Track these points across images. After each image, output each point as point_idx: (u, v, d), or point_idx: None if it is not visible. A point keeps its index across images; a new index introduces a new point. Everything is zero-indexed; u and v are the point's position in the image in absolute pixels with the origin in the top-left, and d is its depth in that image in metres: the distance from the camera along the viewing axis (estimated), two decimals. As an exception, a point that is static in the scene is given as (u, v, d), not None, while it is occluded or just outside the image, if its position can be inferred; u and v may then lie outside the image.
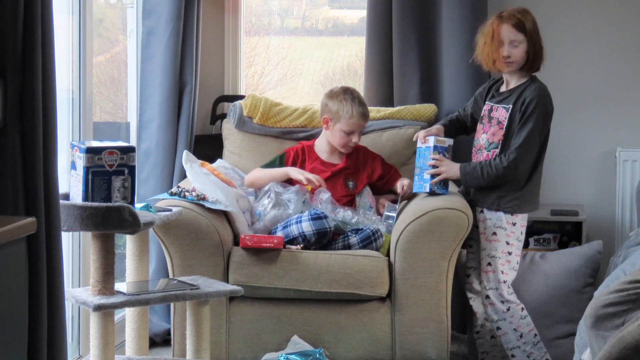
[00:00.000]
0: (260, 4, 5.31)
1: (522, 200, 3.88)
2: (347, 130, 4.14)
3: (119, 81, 4.74)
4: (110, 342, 3.22)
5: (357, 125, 4.15)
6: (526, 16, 3.85)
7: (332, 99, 4.17)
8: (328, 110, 4.18)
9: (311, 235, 3.83)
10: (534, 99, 3.83)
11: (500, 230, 3.90)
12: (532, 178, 3.91)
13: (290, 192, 4.01)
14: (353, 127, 4.14)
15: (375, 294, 3.83)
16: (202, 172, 4.00)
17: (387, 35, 4.63)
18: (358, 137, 4.16)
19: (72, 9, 3.85)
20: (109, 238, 3.24)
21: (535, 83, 3.88)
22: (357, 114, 4.12)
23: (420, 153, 3.98)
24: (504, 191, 3.87)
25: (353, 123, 4.13)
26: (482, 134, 3.96)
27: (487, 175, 3.84)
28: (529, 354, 3.93)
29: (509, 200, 3.87)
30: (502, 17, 3.86)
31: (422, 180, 3.95)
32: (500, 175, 3.82)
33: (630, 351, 2.50)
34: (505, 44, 3.83)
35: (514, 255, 3.92)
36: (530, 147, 3.82)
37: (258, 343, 3.87)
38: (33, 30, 2.67)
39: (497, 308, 3.92)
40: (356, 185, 4.19)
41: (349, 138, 4.15)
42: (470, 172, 3.87)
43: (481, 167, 3.85)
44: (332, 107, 4.16)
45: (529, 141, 3.81)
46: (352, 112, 4.12)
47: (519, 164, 3.82)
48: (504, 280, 3.91)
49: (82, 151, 3.20)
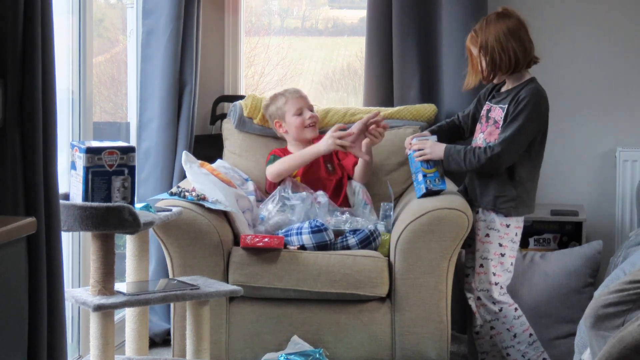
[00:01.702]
0: (260, 4, 5.31)
1: (519, 202, 3.88)
2: (295, 112, 4.24)
3: (119, 81, 4.74)
4: (110, 342, 3.22)
5: (298, 100, 4.26)
6: (487, 27, 3.87)
7: (269, 106, 4.33)
8: (273, 116, 4.32)
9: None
10: (526, 97, 3.83)
11: (493, 232, 3.90)
12: (530, 180, 3.91)
13: (296, 198, 4.01)
14: (296, 104, 4.25)
15: (375, 294, 3.83)
16: (202, 172, 4.00)
17: (387, 35, 4.63)
18: (310, 112, 4.25)
19: (72, 9, 3.85)
20: (109, 238, 3.24)
21: (531, 84, 3.89)
22: (290, 93, 4.28)
23: (411, 159, 3.99)
24: (501, 192, 3.87)
25: (294, 101, 4.25)
26: (480, 134, 3.97)
27: (468, 162, 3.84)
28: (523, 353, 3.94)
29: (505, 201, 3.87)
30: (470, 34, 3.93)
31: (417, 182, 3.95)
32: (481, 166, 3.83)
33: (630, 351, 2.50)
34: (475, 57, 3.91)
35: (507, 257, 3.91)
36: (515, 143, 3.81)
37: (258, 343, 3.87)
38: (33, 30, 2.67)
39: (488, 309, 3.93)
40: (333, 167, 4.27)
41: (302, 117, 4.23)
42: (454, 155, 3.88)
43: (465, 152, 3.85)
44: (272, 110, 4.31)
45: (515, 137, 3.81)
46: (285, 96, 4.27)
47: (502, 157, 3.81)
48: (496, 282, 3.91)
49: (82, 151, 3.20)
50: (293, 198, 4.01)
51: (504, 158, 3.81)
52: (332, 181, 4.23)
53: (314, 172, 4.22)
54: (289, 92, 4.28)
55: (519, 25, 3.88)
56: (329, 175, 4.24)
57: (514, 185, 3.87)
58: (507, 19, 3.87)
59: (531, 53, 3.89)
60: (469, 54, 3.95)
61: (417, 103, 4.56)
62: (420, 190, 3.94)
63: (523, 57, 3.86)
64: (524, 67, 3.89)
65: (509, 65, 3.85)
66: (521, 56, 3.85)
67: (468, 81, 4.00)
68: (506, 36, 3.84)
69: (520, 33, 3.87)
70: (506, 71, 3.87)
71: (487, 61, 3.86)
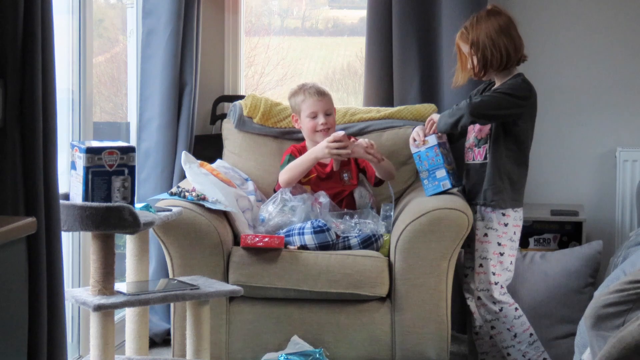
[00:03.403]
0: (260, 4, 5.31)
1: (506, 194, 3.90)
2: (309, 114, 4.17)
3: (119, 81, 4.74)
4: (110, 342, 3.22)
5: (314, 104, 4.17)
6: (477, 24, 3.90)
7: (290, 98, 4.26)
8: (291, 108, 4.27)
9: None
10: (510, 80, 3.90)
11: (491, 231, 3.91)
12: (517, 173, 3.93)
13: (297, 199, 4.00)
14: (312, 107, 4.17)
15: (375, 294, 3.83)
16: (201, 172, 3.99)
17: (387, 35, 4.63)
18: (324, 118, 4.17)
19: (72, 9, 3.85)
20: (109, 238, 3.24)
21: (517, 77, 3.93)
22: (309, 93, 4.18)
23: (422, 156, 3.96)
24: (490, 184, 3.89)
25: (311, 103, 4.17)
26: (472, 133, 4.00)
27: (451, 110, 3.89)
28: (524, 353, 3.94)
29: (495, 192, 3.89)
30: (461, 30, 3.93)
31: (436, 180, 3.94)
32: (459, 108, 3.85)
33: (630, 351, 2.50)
34: (467, 56, 3.91)
35: (507, 256, 3.92)
36: (492, 100, 3.84)
37: (258, 343, 3.87)
38: (33, 30, 2.67)
39: (489, 309, 3.93)
40: (351, 176, 4.20)
41: (315, 121, 4.16)
42: (445, 115, 3.92)
43: (452, 108, 3.90)
44: (292, 103, 4.24)
45: (492, 96, 3.84)
46: (305, 95, 4.19)
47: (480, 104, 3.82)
48: (496, 281, 3.91)
49: (82, 151, 3.20)
50: (294, 199, 4.01)
51: (480, 104, 3.82)
52: (345, 191, 4.18)
53: (325, 183, 4.16)
54: (308, 91, 4.20)
55: (509, 22, 3.91)
56: (343, 185, 4.19)
57: (500, 177, 3.89)
58: (498, 16, 3.91)
59: (521, 50, 3.92)
60: (458, 51, 3.97)
61: (417, 103, 4.56)
62: (441, 186, 3.93)
63: (514, 53, 3.89)
64: (514, 64, 3.92)
65: (499, 62, 3.87)
66: (512, 53, 3.88)
67: (457, 78, 4.02)
68: (497, 33, 3.87)
69: (511, 30, 3.90)
70: (497, 67, 3.89)
71: (478, 58, 3.89)
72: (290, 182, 4.09)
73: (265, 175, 4.38)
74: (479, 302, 3.94)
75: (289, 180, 4.09)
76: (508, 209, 3.91)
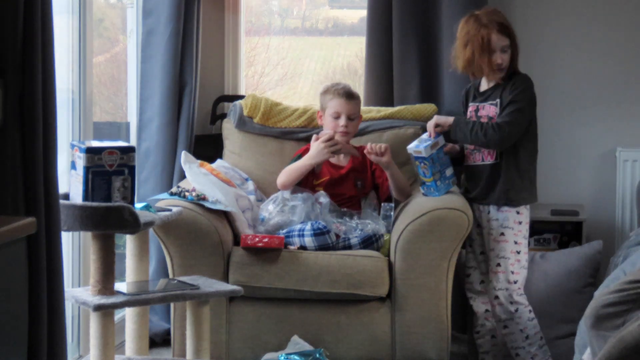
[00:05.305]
0: (260, 4, 5.31)
1: (527, 191, 3.91)
2: (333, 113, 4.14)
3: (119, 81, 4.74)
4: (110, 342, 3.22)
5: (340, 104, 4.13)
6: (504, 17, 3.93)
7: (321, 94, 4.23)
8: (320, 105, 4.23)
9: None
10: (523, 83, 3.89)
11: (508, 230, 3.91)
12: (532, 169, 3.95)
13: (297, 199, 4.00)
14: (337, 107, 4.13)
15: (375, 294, 3.83)
16: (201, 172, 3.99)
17: (387, 35, 4.63)
18: (346, 121, 4.13)
19: (72, 9, 3.85)
20: (109, 238, 3.24)
21: (521, 74, 3.94)
22: (338, 93, 4.14)
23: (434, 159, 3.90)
24: (510, 184, 3.88)
25: (336, 103, 4.13)
26: None
27: (475, 134, 3.86)
28: (533, 355, 3.93)
29: (517, 192, 3.88)
30: (485, 24, 3.88)
31: (447, 178, 3.93)
32: (487, 140, 3.83)
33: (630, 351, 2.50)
34: (497, 52, 3.86)
35: (522, 254, 3.93)
36: (519, 120, 3.84)
37: (258, 343, 3.87)
38: (33, 30, 2.67)
39: (505, 309, 3.92)
40: (364, 185, 4.19)
41: (336, 122, 4.13)
42: (462, 125, 3.89)
43: (473, 124, 3.87)
44: (321, 99, 4.22)
45: (517, 116, 3.84)
46: (333, 94, 4.14)
47: (510, 132, 3.81)
48: (515, 280, 3.91)
49: (82, 151, 3.20)
50: (294, 199, 4.01)
51: (511, 132, 3.82)
52: (357, 198, 4.17)
53: (339, 188, 4.14)
54: (338, 92, 4.15)
55: None
56: (356, 193, 4.19)
57: (520, 176, 3.90)
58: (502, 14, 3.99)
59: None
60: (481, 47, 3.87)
61: (417, 103, 4.56)
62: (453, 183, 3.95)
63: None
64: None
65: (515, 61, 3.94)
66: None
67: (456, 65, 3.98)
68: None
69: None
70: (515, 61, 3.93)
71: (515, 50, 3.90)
72: (285, 185, 4.09)
73: (266, 175, 4.38)
74: (496, 301, 3.92)
75: (284, 183, 4.09)
76: (521, 207, 3.91)
